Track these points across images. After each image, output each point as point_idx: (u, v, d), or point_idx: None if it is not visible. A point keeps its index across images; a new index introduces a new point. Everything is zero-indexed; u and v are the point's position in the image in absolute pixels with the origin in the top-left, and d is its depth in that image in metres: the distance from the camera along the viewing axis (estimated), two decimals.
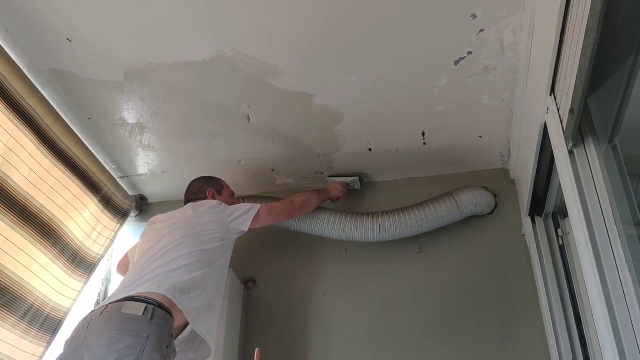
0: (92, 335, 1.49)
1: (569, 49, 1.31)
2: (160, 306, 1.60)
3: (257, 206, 2.08)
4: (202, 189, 2.22)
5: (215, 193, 2.21)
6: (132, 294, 1.62)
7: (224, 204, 2.07)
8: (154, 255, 1.79)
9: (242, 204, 2.11)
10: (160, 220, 2.05)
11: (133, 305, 1.56)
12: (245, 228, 2.02)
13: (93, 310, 1.62)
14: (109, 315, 1.55)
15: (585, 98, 1.29)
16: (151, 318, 1.54)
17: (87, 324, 1.54)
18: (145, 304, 1.57)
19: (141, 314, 1.53)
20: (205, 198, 2.17)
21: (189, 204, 2.09)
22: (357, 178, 2.59)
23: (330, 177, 2.63)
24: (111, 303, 1.60)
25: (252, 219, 2.03)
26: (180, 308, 1.65)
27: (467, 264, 2.39)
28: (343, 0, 1.68)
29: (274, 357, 2.33)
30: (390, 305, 2.37)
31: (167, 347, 1.55)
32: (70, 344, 1.54)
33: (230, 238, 2.00)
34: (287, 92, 2.08)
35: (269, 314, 2.48)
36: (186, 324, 1.76)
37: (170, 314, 1.62)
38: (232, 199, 2.30)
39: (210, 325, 1.80)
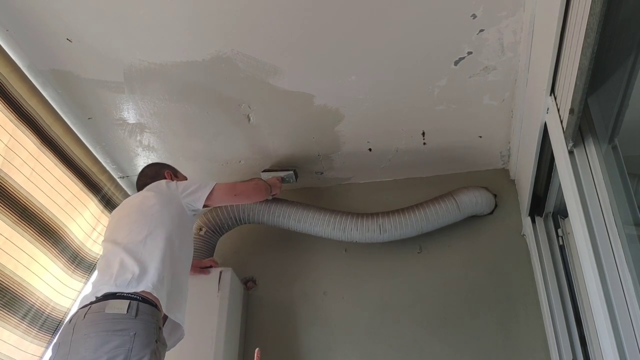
0: (78, 339, 1.47)
1: (569, 49, 1.31)
2: (145, 300, 1.57)
3: (212, 184, 1.98)
4: (158, 172, 2.13)
5: (172, 174, 2.15)
6: (111, 290, 1.57)
7: (176, 182, 2.01)
8: (116, 247, 1.73)
9: (195, 180, 2.03)
10: (119, 209, 1.99)
11: (116, 303, 1.53)
12: (199, 206, 1.94)
13: (77, 312, 1.58)
14: (93, 316, 1.51)
15: (585, 98, 1.29)
16: (136, 314, 1.51)
17: (72, 327, 1.51)
18: (129, 300, 1.54)
19: (125, 312, 1.50)
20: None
21: (143, 189, 2.00)
22: (292, 172, 2.52)
23: (263, 171, 2.54)
24: (94, 303, 1.56)
25: (205, 197, 1.93)
26: (156, 295, 1.61)
27: (467, 264, 2.39)
28: (343, 0, 1.69)
29: (274, 357, 2.33)
30: (390, 305, 2.37)
31: (156, 341, 1.53)
32: (59, 349, 1.51)
33: (184, 215, 1.91)
34: (287, 92, 2.08)
35: (269, 314, 2.48)
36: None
37: (156, 305, 1.60)
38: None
39: (183, 309, 1.77)
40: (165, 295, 1.66)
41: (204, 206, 1.96)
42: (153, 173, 2.13)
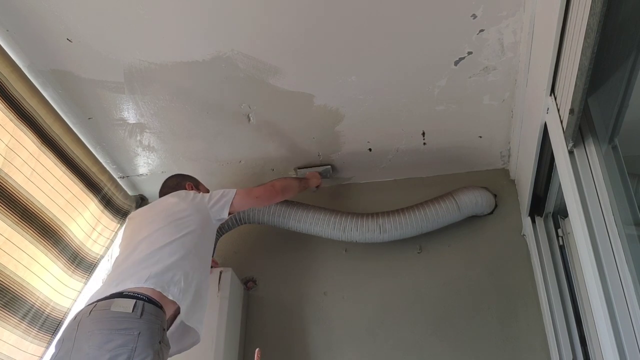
0: (82, 336, 1.47)
1: (569, 49, 1.31)
2: (150, 300, 1.57)
3: (233, 191, 2.02)
4: (180, 182, 2.18)
5: (193, 186, 2.19)
6: (119, 289, 1.58)
7: (201, 192, 2.05)
8: (136, 248, 1.74)
9: (218, 190, 2.05)
10: (139, 214, 2.01)
11: (122, 302, 1.53)
12: (225, 215, 1.98)
13: (82, 309, 1.58)
14: (98, 314, 1.52)
15: (585, 98, 1.29)
16: (141, 314, 1.51)
17: (77, 323, 1.52)
18: (135, 300, 1.53)
19: (131, 311, 1.50)
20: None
21: (166, 195, 2.03)
22: (329, 167, 2.54)
23: (298, 169, 2.57)
24: (99, 301, 1.56)
25: (229, 204, 1.98)
26: (171, 298, 1.61)
27: (467, 263, 2.39)
28: (343, 0, 1.69)
29: (274, 357, 2.33)
30: (391, 305, 2.37)
31: (160, 342, 1.53)
32: (62, 345, 1.51)
33: (210, 225, 1.95)
34: (287, 92, 2.08)
35: (269, 314, 2.48)
36: (175, 316, 1.73)
37: (161, 307, 1.59)
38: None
39: (200, 314, 1.77)
40: (189, 301, 1.68)
41: (229, 213, 1.99)
42: (174, 184, 2.17)
